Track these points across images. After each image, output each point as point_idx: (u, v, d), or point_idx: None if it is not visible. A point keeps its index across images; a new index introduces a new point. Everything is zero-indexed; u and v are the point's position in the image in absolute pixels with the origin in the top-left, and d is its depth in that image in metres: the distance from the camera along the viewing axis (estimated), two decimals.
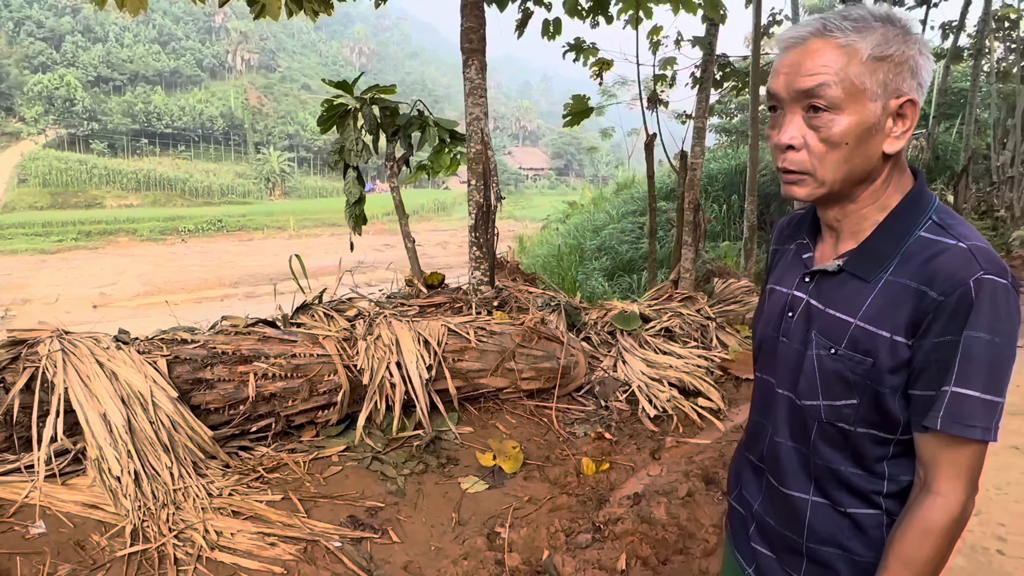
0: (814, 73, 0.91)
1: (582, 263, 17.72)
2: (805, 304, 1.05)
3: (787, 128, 0.96)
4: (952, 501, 0.92)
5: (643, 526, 2.76)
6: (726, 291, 6.35)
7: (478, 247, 4.17)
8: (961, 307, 0.88)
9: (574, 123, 6.49)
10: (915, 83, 0.92)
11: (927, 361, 0.92)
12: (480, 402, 3.67)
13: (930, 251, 0.93)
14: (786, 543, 1.09)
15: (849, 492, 1.02)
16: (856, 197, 0.99)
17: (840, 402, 0.99)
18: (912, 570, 0.93)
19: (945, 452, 0.92)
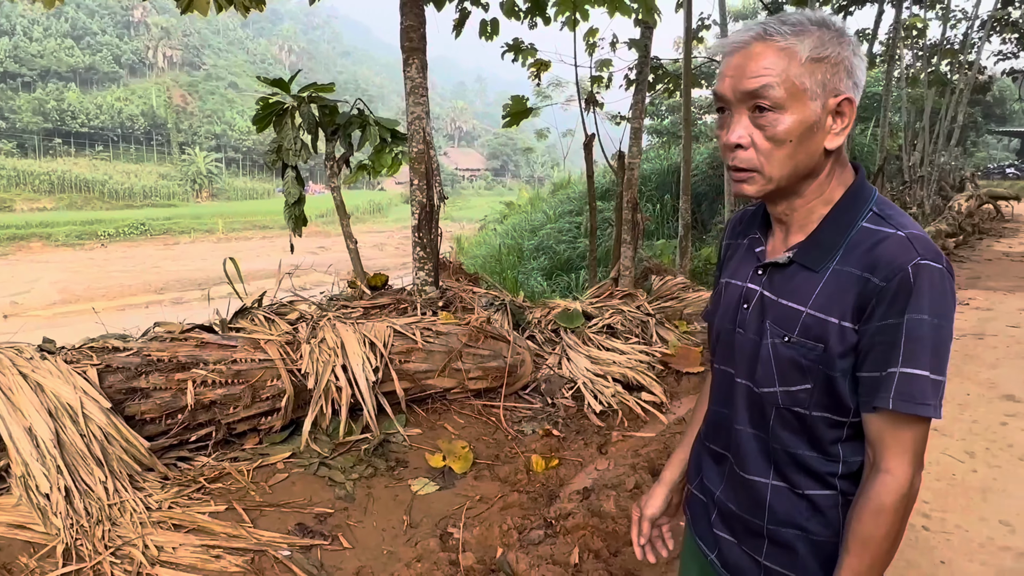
0: (758, 75, 0.95)
1: (521, 263, 17.83)
2: (759, 296, 1.09)
3: (735, 128, 1.00)
4: (900, 478, 0.97)
5: (594, 519, 2.80)
6: (664, 288, 6.52)
7: (422, 247, 4.14)
8: (901, 291, 0.93)
9: (513, 123, 6.52)
10: (851, 82, 0.98)
11: (872, 344, 0.97)
12: (428, 403, 3.65)
13: (872, 240, 0.98)
14: (748, 527, 1.13)
15: (807, 474, 1.06)
16: (802, 192, 1.04)
17: (795, 388, 1.03)
18: (870, 549, 0.98)
19: (891, 431, 0.97)
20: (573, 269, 16.12)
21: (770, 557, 1.11)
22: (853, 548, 0.99)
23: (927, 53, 16.27)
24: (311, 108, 4.11)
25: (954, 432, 3.83)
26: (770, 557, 1.11)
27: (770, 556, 1.11)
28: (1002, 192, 17.39)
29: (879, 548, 0.98)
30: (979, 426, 3.95)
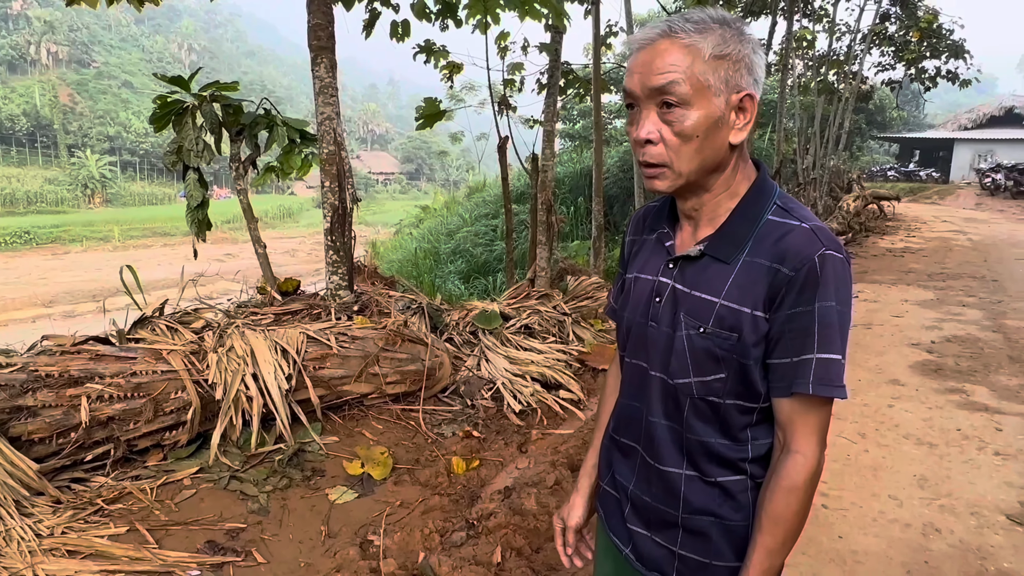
0: (664, 72, 0.97)
1: (438, 266, 17.74)
2: (671, 289, 1.11)
3: (644, 124, 1.02)
4: (810, 457, 1.01)
5: (515, 518, 2.81)
6: (579, 288, 6.63)
7: (335, 251, 4.04)
8: (809, 280, 0.98)
9: (426, 126, 6.47)
10: (751, 79, 1.01)
11: (783, 331, 1.00)
12: (344, 410, 3.56)
13: (779, 232, 1.02)
14: (662, 518, 1.15)
15: (718, 462, 1.09)
16: (709, 186, 1.07)
17: (710, 377, 1.06)
18: (782, 526, 1.02)
19: (802, 414, 1.02)
20: (490, 272, 16.18)
21: (685, 546, 1.13)
22: (766, 526, 1.03)
23: (816, 63, 17.35)
24: (213, 107, 3.93)
25: (848, 416, 4.09)
26: (685, 546, 1.13)
27: (684, 545, 1.13)
28: (884, 193, 18.77)
29: (790, 525, 1.02)
30: (869, 409, 4.24)
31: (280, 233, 41.40)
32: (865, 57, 17.00)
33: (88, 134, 60.05)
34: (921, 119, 40.90)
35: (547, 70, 6.04)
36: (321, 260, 4.21)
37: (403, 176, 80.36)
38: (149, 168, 62.04)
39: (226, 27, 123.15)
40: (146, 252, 35.16)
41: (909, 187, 28.50)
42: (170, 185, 59.66)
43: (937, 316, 6.79)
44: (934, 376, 4.89)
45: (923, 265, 10.11)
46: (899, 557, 2.69)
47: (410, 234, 23.84)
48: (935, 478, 3.34)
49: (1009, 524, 2.94)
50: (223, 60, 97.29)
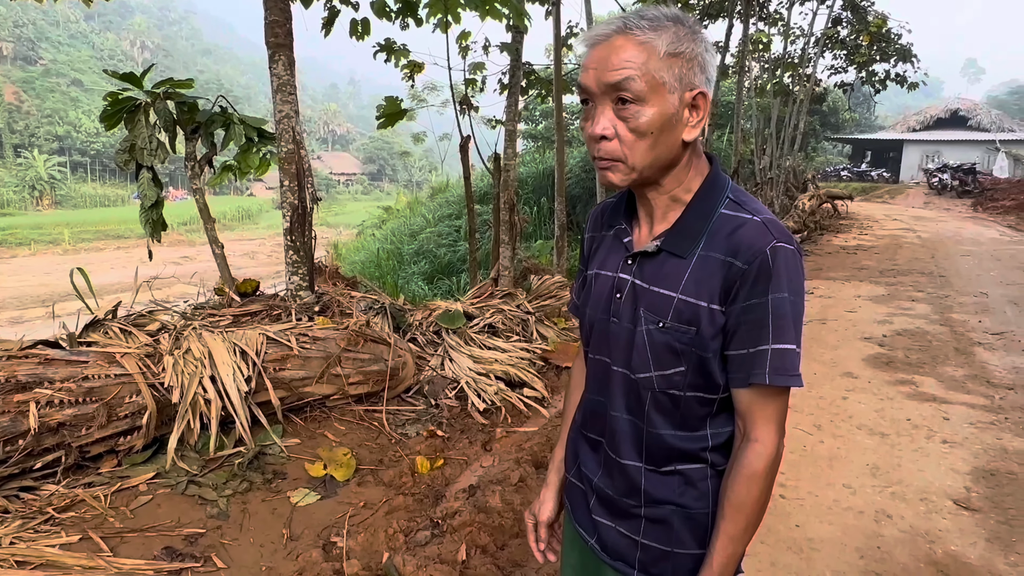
0: (619, 68, 0.98)
1: (401, 267, 17.63)
2: (631, 285, 1.12)
3: (599, 120, 1.02)
4: (768, 445, 1.04)
5: (480, 516, 2.82)
6: (542, 287, 6.67)
7: (295, 251, 3.99)
8: (762, 273, 0.99)
9: (387, 125, 6.42)
10: (704, 77, 1.02)
11: (738, 323, 1.02)
12: (306, 411, 3.52)
13: (731, 226, 1.04)
14: (625, 509, 1.17)
15: (679, 454, 1.11)
16: (663, 181, 1.09)
17: (670, 371, 1.07)
18: (744, 513, 1.05)
19: (760, 403, 1.04)
20: (454, 272, 16.14)
21: (647, 535, 1.15)
22: (728, 514, 1.05)
23: (772, 66, 17.75)
24: (167, 105, 3.84)
25: (804, 408, 4.20)
26: (647, 535, 1.15)
27: (647, 534, 1.15)
28: (838, 192, 19.28)
29: (752, 512, 1.05)
30: (824, 401, 4.36)
31: (239, 235, 40.60)
32: (818, 60, 17.43)
33: (36, 134, 58.01)
34: (872, 121, 42.16)
35: (508, 70, 6.06)
36: (282, 262, 4.15)
37: (365, 177, 79.60)
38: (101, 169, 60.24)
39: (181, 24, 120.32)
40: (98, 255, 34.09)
41: (861, 187, 29.34)
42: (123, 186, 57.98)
43: (888, 311, 7.00)
44: (886, 368, 5.05)
45: (875, 262, 10.41)
46: (853, 543, 2.77)
47: (372, 235, 23.65)
48: (887, 466, 3.44)
49: (956, 509, 3.05)
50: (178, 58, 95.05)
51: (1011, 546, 2.78)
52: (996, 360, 5.21)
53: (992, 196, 21.30)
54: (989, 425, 3.98)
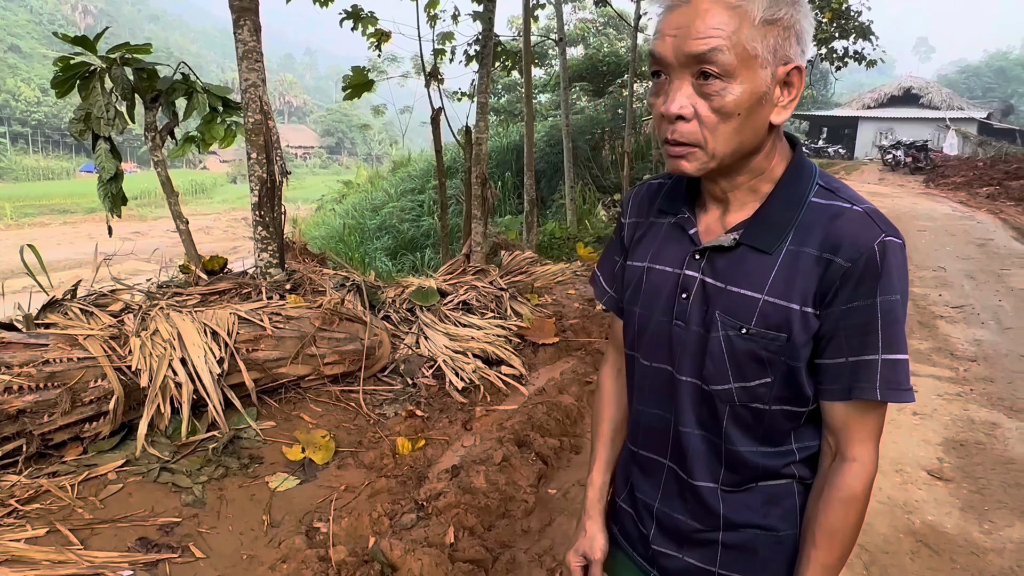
0: (706, 36, 0.82)
1: (363, 243, 17.37)
2: (699, 283, 0.97)
3: (676, 97, 0.87)
4: (868, 464, 0.93)
5: (465, 496, 2.77)
6: (513, 263, 6.61)
7: (264, 227, 3.83)
8: (868, 272, 0.86)
9: (353, 96, 6.24)
10: (799, 49, 0.87)
11: (837, 328, 0.89)
12: (281, 393, 3.40)
13: (827, 216, 0.90)
14: (697, 537, 1.04)
15: (762, 471, 0.99)
16: (743, 169, 0.94)
17: (754, 382, 0.94)
18: (839, 540, 0.94)
19: (859, 418, 0.92)
20: (418, 248, 15.96)
21: (726, 564, 1.02)
22: (821, 542, 0.94)
23: None
24: (124, 71, 3.62)
25: None
26: (726, 564, 1.02)
27: (726, 563, 1.02)
28: None
29: (848, 539, 0.94)
30: None
31: (193, 209, 39.28)
32: None
33: None
34: (829, 98, 42.85)
35: (479, 40, 5.90)
36: (239, 238, 4.00)
37: (323, 150, 77.91)
38: (44, 140, 57.60)
39: None
40: (44, 231, 32.64)
41: (819, 163, 29.76)
42: (68, 159, 55.56)
43: None
44: None
45: None
46: None
47: (333, 210, 23.21)
48: None
49: (930, 479, 3.13)
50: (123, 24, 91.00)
51: (984, 515, 2.86)
52: (958, 333, 5.37)
53: (943, 173, 21.92)
54: (955, 397, 4.09)
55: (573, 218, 11.27)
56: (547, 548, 2.64)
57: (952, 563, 2.55)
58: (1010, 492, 3.04)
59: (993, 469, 3.24)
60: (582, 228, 11.13)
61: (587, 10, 27.62)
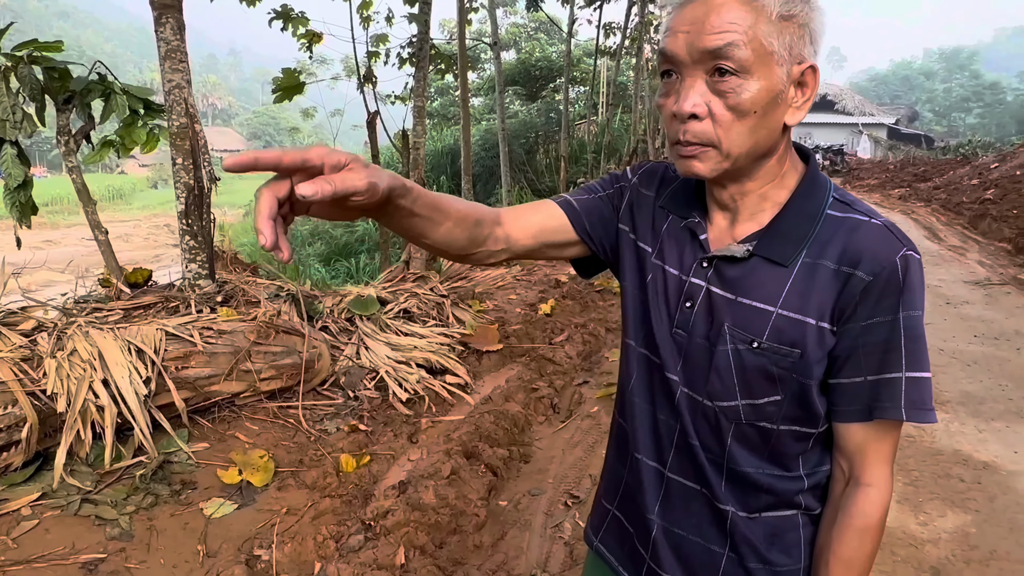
0: (722, 31, 0.79)
1: (295, 250, 16.91)
2: (706, 292, 0.93)
3: (689, 95, 0.83)
4: (884, 489, 0.89)
5: (415, 514, 2.68)
6: (452, 269, 6.53)
7: (192, 236, 3.62)
8: (890, 286, 0.83)
9: (284, 98, 6.03)
10: (813, 49, 0.85)
11: (854, 346, 0.86)
12: (214, 412, 3.22)
13: (845, 230, 0.87)
14: (700, 556, 0.99)
15: (771, 497, 0.94)
16: (755, 174, 0.90)
17: (762, 400, 0.90)
18: (856, 569, 0.90)
19: (876, 440, 0.89)
20: (352, 254, 15.65)
21: None
22: (836, 571, 0.90)
23: None
24: (32, 70, 3.35)
25: None
26: None
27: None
28: None
29: (864, 568, 0.90)
30: None
31: (111, 216, 37.28)
32: None
33: None
34: None
35: (413, 43, 5.80)
36: (161, 245, 3.78)
37: None
38: None
39: None
40: None
41: None
42: None
43: None
44: None
45: None
46: None
47: None
48: None
49: None
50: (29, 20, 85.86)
51: (919, 506, 2.97)
52: None
53: (858, 175, 23.08)
54: None
55: None
56: (500, 563, 2.58)
57: (893, 555, 2.63)
58: (940, 483, 3.17)
59: (924, 461, 3.37)
60: None
61: (518, 15, 27.81)
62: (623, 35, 12.75)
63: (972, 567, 2.55)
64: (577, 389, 4.32)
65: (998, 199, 11.76)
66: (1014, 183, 12.61)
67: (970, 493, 3.06)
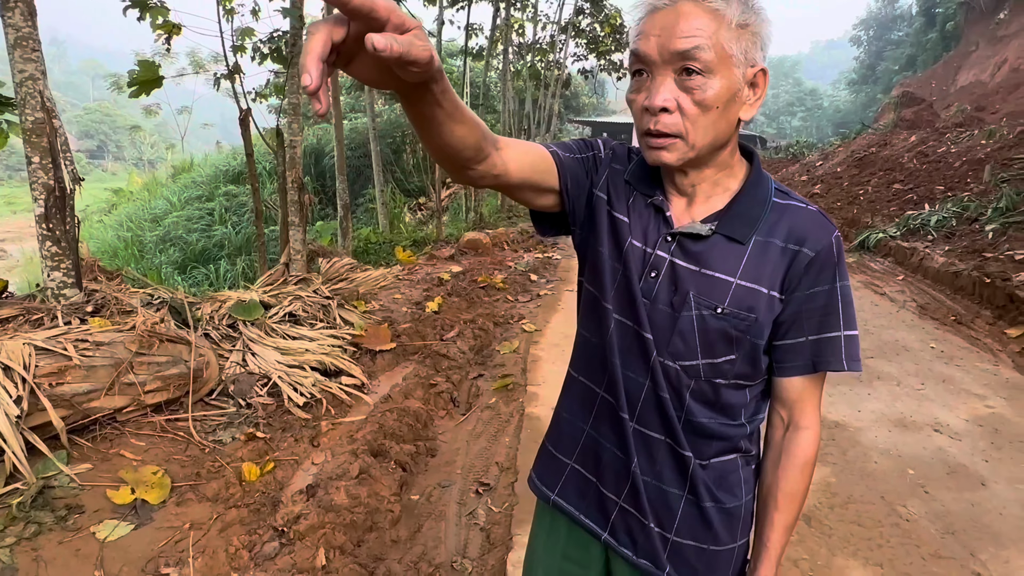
0: (689, 35, 0.91)
1: (144, 257, 15.69)
2: (669, 264, 1.04)
3: (660, 91, 0.94)
4: (817, 430, 1.07)
5: (329, 515, 2.65)
6: (332, 270, 6.37)
7: (54, 241, 3.31)
8: (828, 261, 1.00)
9: (140, 93, 5.60)
10: (763, 54, 0.97)
11: (800, 310, 1.01)
12: (95, 430, 2.97)
13: (788, 214, 1.03)
14: (660, 499, 1.10)
15: (719, 442, 1.08)
16: (712, 162, 1.03)
17: (720, 359, 1.03)
18: (797, 501, 1.07)
19: (811, 390, 1.06)
20: (211, 260, 14.75)
21: (680, 532, 1.10)
22: (783, 505, 1.07)
23: (523, 51, 18.75)
24: None
25: None
26: (680, 532, 1.10)
27: (681, 531, 1.10)
28: None
29: (803, 500, 1.07)
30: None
31: None
32: (566, 47, 18.81)
33: None
34: (606, 106, 46.70)
35: (289, 38, 5.61)
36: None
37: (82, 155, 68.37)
38: None
39: None
40: None
41: None
42: None
43: None
44: None
45: None
46: None
47: (101, 222, 20.60)
48: None
49: None
50: None
51: None
52: None
53: None
54: None
55: (386, 222, 11.13)
56: (420, 555, 2.61)
57: None
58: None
59: None
60: (396, 232, 11.04)
61: None
62: (490, 38, 12.96)
63: (836, 511, 2.92)
64: (473, 382, 4.40)
65: (824, 193, 13.22)
66: (836, 179, 14.23)
67: (827, 449, 3.48)
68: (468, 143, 0.90)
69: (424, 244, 9.69)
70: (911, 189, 10.82)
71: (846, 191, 12.64)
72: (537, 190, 1.09)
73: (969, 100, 21.13)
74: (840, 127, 42.39)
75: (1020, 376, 4.53)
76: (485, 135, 0.93)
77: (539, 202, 1.12)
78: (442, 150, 0.90)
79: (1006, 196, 7.76)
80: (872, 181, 12.50)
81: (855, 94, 54.41)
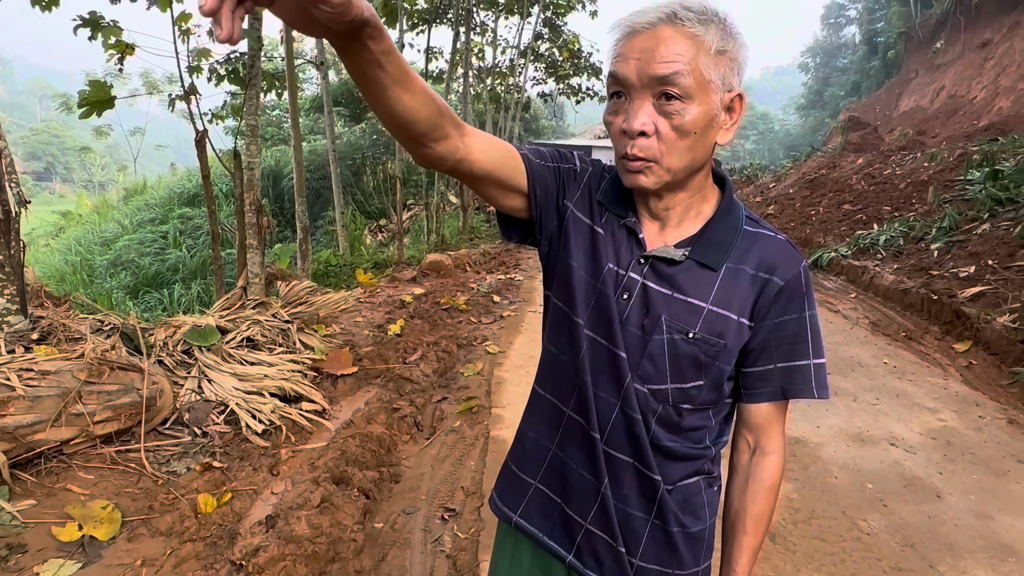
0: (669, 61, 0.90)
1: (93, 283, 15.21)
2: (641, 287, 1.03)
3: (638, 115, 0.94)
4: (782, 455, 1.09)
5: (289, 547, 2.56)
6: (291, 293, 6.25)
7: None
8: (798, 290, 1.01)
9: (91, 114, 5.47)
10: (739, 79, 0.97)
11: (769, 338, 1.02)
12: (39, 464, 2.84)
13: (759, 242, 1.03)
14: (631, 523, 1.09)
15: (685, 465, 1.07)
16: (687, 185, 1.03)
17: (689, 384, 1.02)
18: (763, 524, 1.08)
19: (777, 416, 1.07)
20: (165, 284, 14.38)
21: (645, 557, 1.08)
22: (751, 529, 1.08)
23: (483, 74, 18.94)
24: None
25: None
26: (645, 557, 1.08)
27: (646, 556, 1.08)
28: None
29: (769, 519, 1.09)
30: None
31: None
32: (526, 71, 19.06)
33: None
34: (566, 128, 47.36)
35: (247, 59, 5.55)
36: None
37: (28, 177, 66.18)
38: None
39: None
40: None
41: None
42: None
43: None
44: None
45: None
46: None
47: (48, 245, 19.94)
48: None
49: None
50: None
51: None
52: None
53: None
54: None
55: (346, 244, 11.01)
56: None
57: None
58: None
59: None
60: (357, 254, 10.93)
61: None
62: (450, 61, 13.05)
63: (799, 527, 2.95)
64: (437, 406, 4.35)
65: (778, 214, 13.57)
66: (789, 200, 14.64)
67: (789, 465, 3.53)
68: (420, 115, 0.87)
69: (385, 266, 9.61)
70: (860, 209, 11.19)
71: (799, 212, 13.02)
72: (502, 187, 1.07)
73: (911, 124, 22.05)
74: (791, 150, 43.77)
75: (968, 389, 4.68)
76: (443, 112, 0.90)
77: (505, 202, 1.10)
78: (391, 119, 0.87)
79: (949, 216, 8.09)
80: (823, 202, 12.91)
81: (804, 118, 56.26)
